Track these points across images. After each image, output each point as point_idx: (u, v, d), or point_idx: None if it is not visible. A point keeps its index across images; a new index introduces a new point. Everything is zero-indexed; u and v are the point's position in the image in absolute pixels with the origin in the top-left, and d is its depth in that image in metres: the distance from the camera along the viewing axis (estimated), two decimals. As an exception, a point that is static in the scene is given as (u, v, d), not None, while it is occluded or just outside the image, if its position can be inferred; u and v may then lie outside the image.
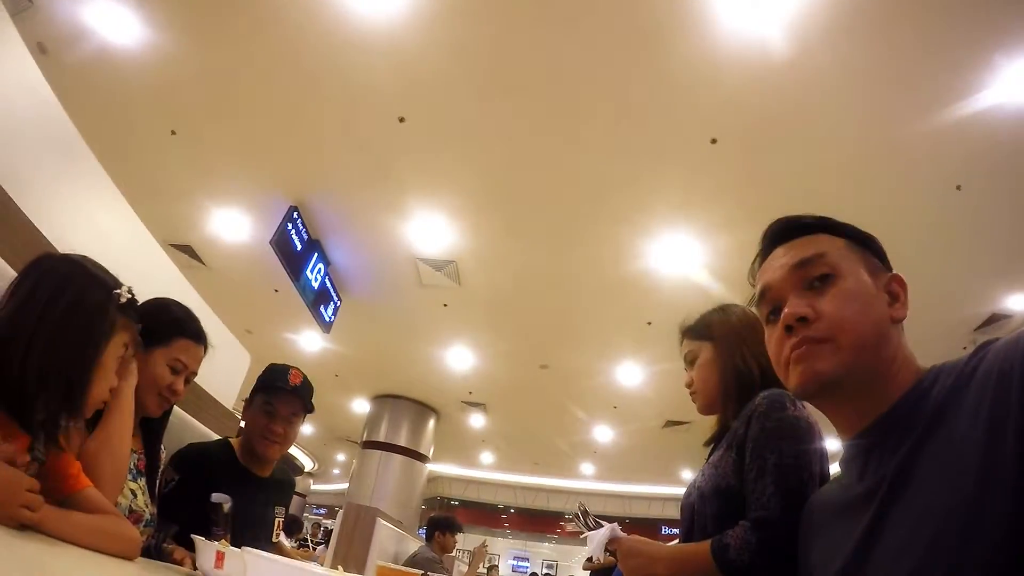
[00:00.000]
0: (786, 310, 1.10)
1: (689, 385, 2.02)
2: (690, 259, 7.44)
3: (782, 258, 1.18)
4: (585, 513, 1.95)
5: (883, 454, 0.98)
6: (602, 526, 1.87)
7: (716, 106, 5.51)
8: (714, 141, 5.82)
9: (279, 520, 2.49)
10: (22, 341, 1.19)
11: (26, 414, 1.20)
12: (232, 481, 2.18)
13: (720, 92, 5.38)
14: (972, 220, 6.20)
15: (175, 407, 2.17)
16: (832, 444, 1.51)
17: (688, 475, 17.07)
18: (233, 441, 2.46)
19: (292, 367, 2.47)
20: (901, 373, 1.03)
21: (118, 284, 1.39)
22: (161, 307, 1.95)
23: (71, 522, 1.25)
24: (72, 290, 1.28)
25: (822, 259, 1.11)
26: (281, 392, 2.39)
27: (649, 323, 8.94)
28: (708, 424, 1.97)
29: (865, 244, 1.16)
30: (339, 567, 2.50)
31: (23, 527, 1.12)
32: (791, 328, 1.08)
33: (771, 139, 5.75)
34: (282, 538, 2.63)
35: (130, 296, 1.40)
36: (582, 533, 1.93)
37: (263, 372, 2.49)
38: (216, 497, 1.93)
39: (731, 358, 1.88)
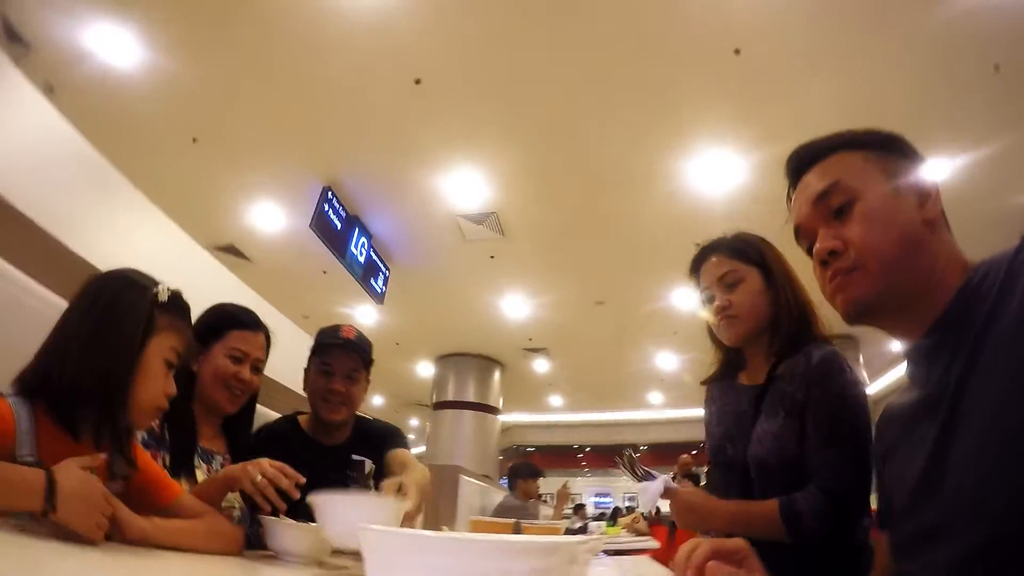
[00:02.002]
0: (816, 246, 1.12)
1: (726, 307, 1.85)
2: (730, 176, 7.29)
3: (804, 192, 1.18)
4: (632, 461, 1.90)
5: (944, 357, 0.97)
6: (651, 476, 1.85)
7: (737, 14, 5.32)
8: (737, 52, 5.65)
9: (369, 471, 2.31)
10: (61, 350, 1.19)
11: (73, 426, 1.19)
12: (299, 454, 2.05)
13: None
14: (1014, 101, 5.89)
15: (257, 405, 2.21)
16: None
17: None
18: (301, 418, 2.40)
19: (343, 324, 2.38)
20: (948, 273, 1.02)
21: (156, 284, 1.33)
22: (213, 309, 2.01)
23: (174, 529, 1.27)
24: (107, 295, 1.26)
25: (837, 187, 1.11)
26: (335, 348, 2.28)
27: (698, 244, 8.82)
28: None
29: (885, 147, 1.14)
30: (443, 527, 2.48)
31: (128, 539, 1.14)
32: (826, 262, 1.10)
33: (797, 46, 5.54)
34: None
35: (171, 293, 1.34)
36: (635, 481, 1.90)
37: (315, 337, 2.40)
38: (357, 457, 1.96)
39: (785, 292, 1.80)
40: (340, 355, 2.28)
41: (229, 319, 1.99)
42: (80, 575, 0.85)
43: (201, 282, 1.72)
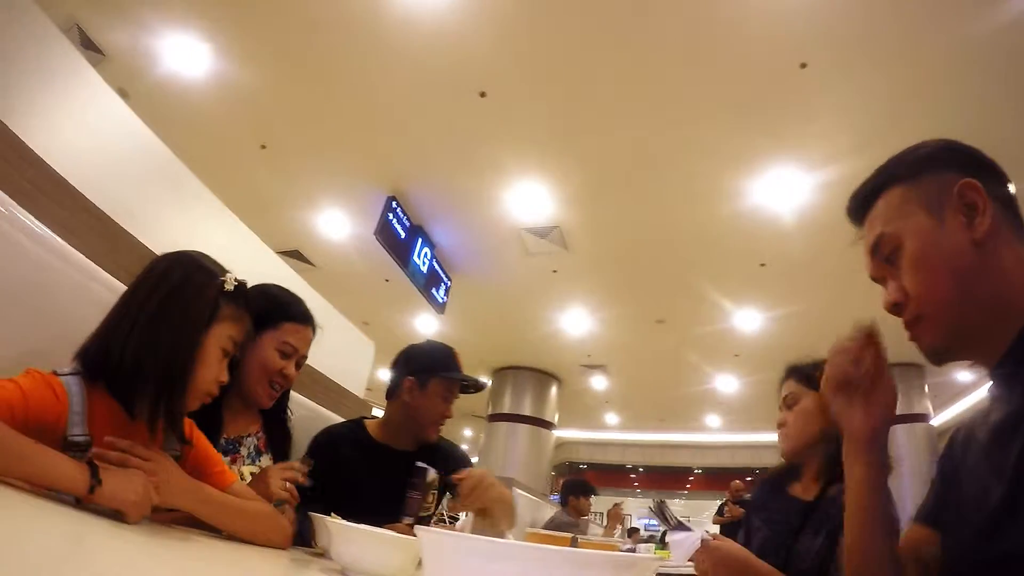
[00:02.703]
0: (883, 300, 1.10)
1: (782, 425, 2.07)
2: (795, 193, 7.10)
3: (864, 245, 1.16)
4: (663, 509, 2.01)
5: (1020, 378, 0.92)
6: (684, 526, 1.94)
7: (803, 28, 5.21)
8: (804, 66, 5.52)
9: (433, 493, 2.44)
10: (125, 327, 1.20)
11: (130, 403, 1.21)
12: (363, 458, 2.24)
13: (806, 13, 5.09)
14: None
15: (312, 404, 2.20)
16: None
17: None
18: (369, 423, 2.42)
19: (452, 349, 2.48)
20: (1022, 291, 0.96)
21: (224, 272, 1.35)
22: (264, 292, 1.89)
23: (229, 508, 1.29)
24: (176, 275, 1.27)
25: (883, 238, 1.09)
26: (460, 382, 2.42)
27: (763, 264, 8.66)
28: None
29: (926, 169, 1.07)
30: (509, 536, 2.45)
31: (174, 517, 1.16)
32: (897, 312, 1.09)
33: (863, 58, 5.39)
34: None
35: (238, 283, 1.34)
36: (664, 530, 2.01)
37: (426, 353, 2.46)
38: (421, 464, 1.95)
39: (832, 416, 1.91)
40: (460, 387, 2.43)
41: (284, 309, 1.91)
42: (123, 555, 0.84)
43: (268, 282, 1.72)
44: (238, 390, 1.85)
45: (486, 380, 2.74)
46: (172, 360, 1.21)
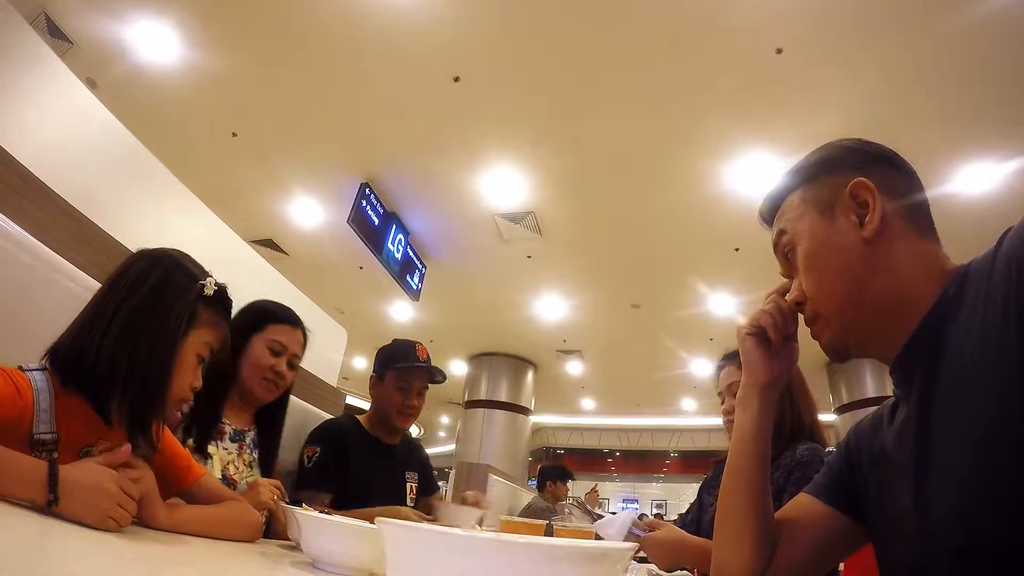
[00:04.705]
0: (787, 298, 1.14)
1: (729, 413, 2.10)
2: (770, 180, 7.08)
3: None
4: (580, 504, 2.14)
5: (918, 379, 0.92)
6: (600, 515, 2.02)
7: (779, 12, 5.21)
8: (779, 51, 5.55)
9: (412, 485, 2.62)
10: (100, 328, 1.16)
11: (103, 406, 1.17)
12: (364, 450, 2.43)
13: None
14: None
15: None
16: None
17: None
18: (360, 417, 2.61)
19: (416, 342, 2.62)
20: (920, 284, 0.94)
21: (205, 275, 1.32)
22: (253, 304, 2.09)
23: (191, 517, 1.26)
24: (155, 276, 1.23)
25: (783, 237, 1.12)
26: (414, 369, 2.55)
27: (737, 249, 8.71)
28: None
29: (823, 171, 1.09)
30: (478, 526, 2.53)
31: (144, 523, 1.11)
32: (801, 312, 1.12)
33: (839, 44, 5.40)
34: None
35: (217, 288, 1.31)
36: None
37: (388, 349, 2.63)
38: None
39: (779, 404, 1.93)
40: (417, 374, 2.57)
41: (268, 314, 2.07)
42: (81, 552, 0.81)
43: (240, 272, 1.71)
44: (238, 389, 1.99)
45: (440, 368, 2.73)
46: (149, 366, 1.18)
